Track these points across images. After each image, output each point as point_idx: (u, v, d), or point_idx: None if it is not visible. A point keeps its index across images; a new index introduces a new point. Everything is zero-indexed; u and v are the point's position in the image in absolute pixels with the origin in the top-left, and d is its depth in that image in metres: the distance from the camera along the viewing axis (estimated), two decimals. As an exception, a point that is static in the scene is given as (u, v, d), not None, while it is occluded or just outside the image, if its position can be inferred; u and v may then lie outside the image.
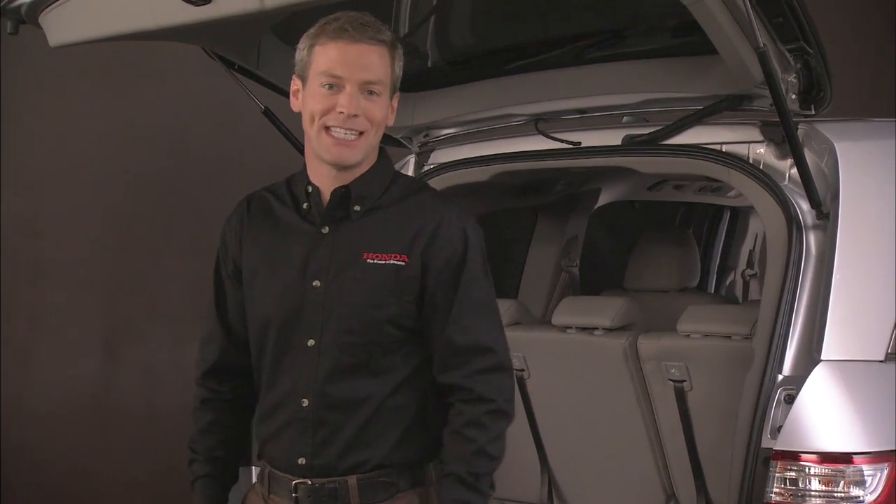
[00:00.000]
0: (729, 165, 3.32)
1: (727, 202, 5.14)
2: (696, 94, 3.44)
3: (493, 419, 2.64)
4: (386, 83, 2.65)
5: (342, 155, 2.65)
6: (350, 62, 2.62)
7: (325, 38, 2.65)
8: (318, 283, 2.68)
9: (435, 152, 3.99)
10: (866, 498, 2.78)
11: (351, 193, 2.69)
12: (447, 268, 2.65)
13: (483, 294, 2.68)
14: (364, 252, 2.66)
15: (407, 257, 2.65)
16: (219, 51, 3.69)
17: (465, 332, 2.64)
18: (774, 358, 2.96)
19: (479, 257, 2.68)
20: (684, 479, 3.71)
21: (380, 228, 2.68)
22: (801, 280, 3.05)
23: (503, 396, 2.65)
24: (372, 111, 2.63)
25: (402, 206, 2.71)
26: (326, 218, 2.70)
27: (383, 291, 2.64)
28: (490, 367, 2.64)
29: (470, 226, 2.70)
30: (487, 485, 2.64)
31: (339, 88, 2.62)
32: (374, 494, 2.67)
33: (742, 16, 2.92)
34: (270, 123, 3.92)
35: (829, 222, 3.10)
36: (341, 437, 2.66)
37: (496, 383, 2.65)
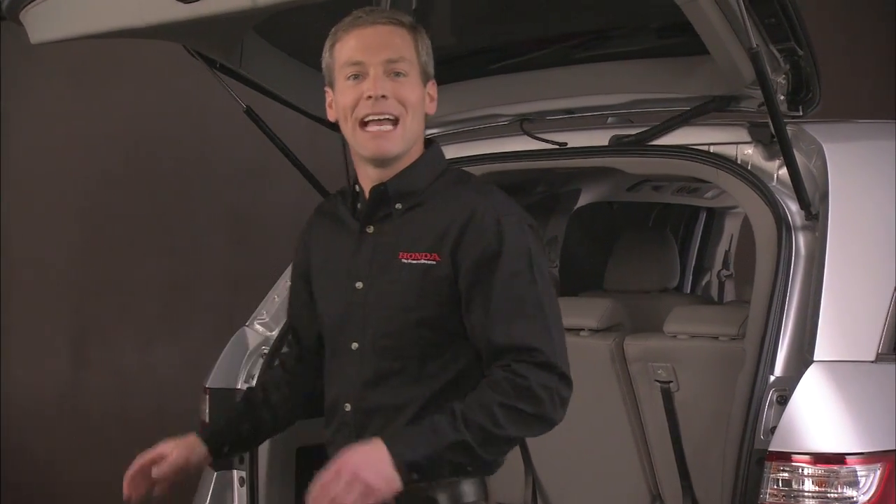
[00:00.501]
0: (717, 166, 3.31)
1: (703, 203, 5.15)
2: (684, 94, 3.44)
3: (521, 394, 2.46)
4: (412, 62, 2.58)
5: (380, 148, 2.57)
6: (369, 45, 2.56)
7: (341, 33, 2.62)
8: (360, 285, 2.63)
9: (418, 152, 3.96)
10: (860, 498, 2.77)
11: (388, 191, 2.61)
12: (481, 264, 2.52)
13: (525, 291, 2.52)
14: (400, 251, 2.59)
15: (438, 256, 2.56)
16: (201, 49, 3.66)
17: (506, 333, 2.50)
18: (766, 359, 2.95)
19: (521, 251, 2.53)
20: (670, 479, 3.71)
21: (416, 226, 2.60)
22: (791, 281, 3.05)
23: (544, 390, 2.47)
24: (401, 92, 2.55)
25: (440, 201, 2.61)
26: (369, 217, 2.64)
27: (415, 293, 2.56)
28: (536, 363, 2.49)
29: (509, 218, 2.55)
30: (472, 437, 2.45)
31: (364, 75, 2.56)
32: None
33: (735, 16, 2.92)
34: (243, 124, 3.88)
35: (819, 223, 3.10)
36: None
37: (539, 376, 2.48)
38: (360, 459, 2.43)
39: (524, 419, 2.49)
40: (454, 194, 2.62)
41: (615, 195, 4.77)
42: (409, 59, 2.58)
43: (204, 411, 3.86)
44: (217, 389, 3.85)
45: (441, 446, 2.45)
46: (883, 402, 2.94)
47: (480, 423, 2.46)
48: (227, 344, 3.95)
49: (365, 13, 2.60)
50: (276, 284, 4.00)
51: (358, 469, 2.41)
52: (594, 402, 3.75)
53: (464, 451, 2.47)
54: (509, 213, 2.58)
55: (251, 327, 3.96)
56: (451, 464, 2.49)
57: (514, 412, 2.47)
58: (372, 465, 2.43)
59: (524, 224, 2.58)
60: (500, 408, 2.47)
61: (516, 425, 2.49)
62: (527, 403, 2.48)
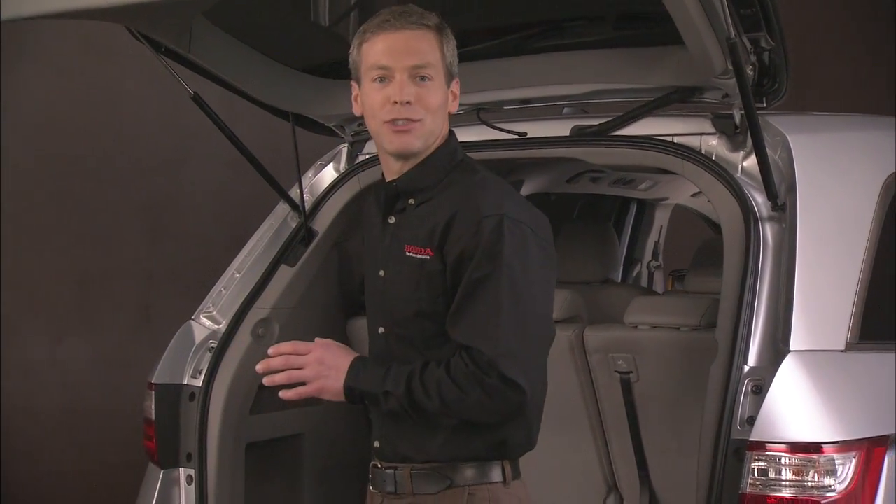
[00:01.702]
0: (682, 157, 3.32)
1: (638, 195, 5.18)
2: (646, 85, 3.43)
3: (463, 378, 2.56)
4: (437, 66, 2.65)
5: (403, 143, 2.65)
6: (396, 50, 2.62)
7: (369, 34, 2.67)
8: (382, 273, 2.74)
9: (370, 142, 3.90)
10: (837, 487, 2.81)
11: (399, 188, 2.70)
12: (457, 265, 2.61)
13: (486, 293, 2.56)
14: (406, 245, 2.69)
15: (430, 251, 2.64)
16: (150, 32, 3.53)
17: (458, 331, 2.60)
18: (740, 349, 2.96)
19: (494, 254, 2.56)
20: (627, 470, 3.71)
21: (420, 221, 2.68)
22: (760, 271, 3.07)
23: (478, 383, 2.56)
24: (425, 97, 2.63)
25: (445, 197, 2.68)
26: (389, 209, 2.74)
27: (415, 285, 2.66)
28: (479, 361, 2.57)
29: (489, 219, 2.57)
30: (405, 394, 2.59)
31: (390, 79, 2.62)
32: (425, 486, 2.71)
33: (712, 5, 2.91)
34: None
35: (786, 214, 3.12)
36: (400, 426, 2.70)
37: (477, 372, 2.56)
38: (329, 358, 2.66)
39: (457, 402, 2.58)
40: (457, 192, 2.68)
41: (555, 186, 4.76)
42: (434, 64, 2.66)
43: (149, 408, 3.75)
44: (163, 385, 3.75)
45: (377, 390, 2.63)
46: (855, 390, 2.99)
47: (416, 388, 2.60)
48: (173, 338, 3.83)
49: (393, 17, 2.65)
50: (223, 276, 3.89)
51: (324, 361, 2.65)
52: (551, 393, 3.68)
53: (397, 402, 2.62)
54: (491, 215, 2.60)
55: (197, 321, 3.86)
56: (388, 408, 2.64)
57: (453, 391, 2.58)
58: (332, 369, 2.65)
59: (503, 225, 2.59)
60: (439, 382, 2.59)
61: (447, 405, 2.59)
62: (461, 388, 2.57)
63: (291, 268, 3.85)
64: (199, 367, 3.77)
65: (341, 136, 3.95)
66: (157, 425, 3.74)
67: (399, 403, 2.61)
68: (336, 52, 3.84)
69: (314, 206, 3.90)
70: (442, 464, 2.70)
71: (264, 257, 3.88)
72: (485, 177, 2.71)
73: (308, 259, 3.87)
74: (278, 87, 3.78)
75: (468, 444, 2.68)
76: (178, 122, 6.40)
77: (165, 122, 6.45)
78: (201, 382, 3.74)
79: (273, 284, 3.83)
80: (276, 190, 3.90)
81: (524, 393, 2.58)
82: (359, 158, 3.91)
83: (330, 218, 3.88)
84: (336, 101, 3.82)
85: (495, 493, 2.73)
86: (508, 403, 2.58)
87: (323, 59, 3.84)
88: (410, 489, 2.73)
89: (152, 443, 3.77)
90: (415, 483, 2.72)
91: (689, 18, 2.97)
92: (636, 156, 3.41)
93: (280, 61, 3.78)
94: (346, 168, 3.92)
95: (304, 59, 3.82)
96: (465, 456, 2.69)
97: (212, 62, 3.64)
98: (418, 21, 2.65)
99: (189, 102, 3.59)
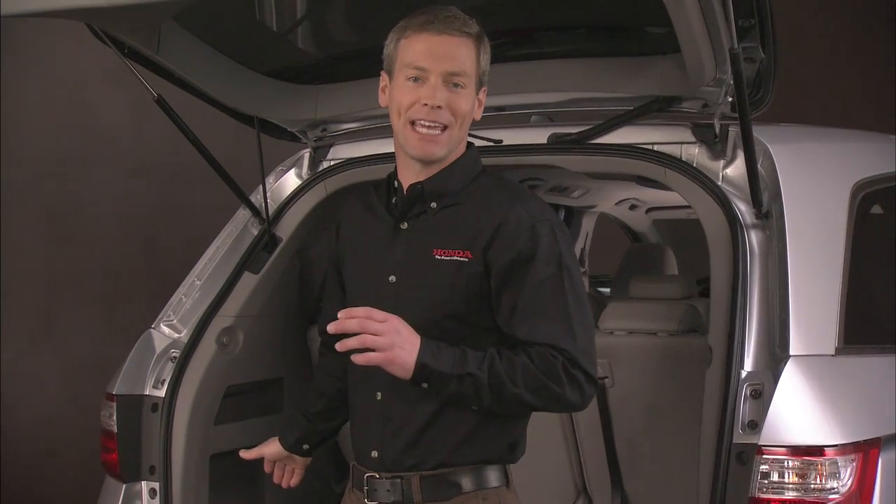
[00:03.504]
0: (665, 165, 3.36)
1: (571, 203, 5.21)
2: (626, 94, 3.46)
3: (547, 368, 2.60)
4: (471, 76, 2.67)
5: (426, 150, 2.66)
6: (435, 54, 2.64)
7: (410, 32, 2.67)
8: (393, 278, 2.71)
9: (334, 147, 3.87)
10: (840, 489, 2.87)
11: (424, 190, 2.69)
12: (513, 267, 2.63)
13: (553, 294, 2.63)
14: (434, 248, 2.67)
15: (470, 254, 2.65)
16: (119, 33, 3.42)
17: (531, 332, 2.61)
18: (736, 355, 3.01)
19: (552, 257, 2.64)
20: (598, 474, 3.74)
21: (451, 224, 2.69)
22: (749, 278, 3.13)
23: (567, 374, 2.60)
24: (456, 103, 2.65)
25: (477, 201, 2.70)
26: (405, 213, 2.72)
27: (446, 287, 2.66)
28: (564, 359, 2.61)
29: (542, 224, 2.65)
30: (488, 379, 2.58)
31: (424, 80, 2.64)
32: (436, 493, 2.69)
33: (713, 16, 2.95)
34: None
35: (771, 221, 3.18)
36: (406, 432, 2.68)
37: (565, 365, 2.61)
38: (405, 330, 2.57)
39: (541, 389, 2.61)
40: (490, 196, 2.72)
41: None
42: (469, 72, 2.69)
43: (110, 420, 3.64)
44: (124, 396, 3.64)
45: (456, 371, 2.58)
46: (850, 394, 3.05)
47: (500, 372, 2.59)
48: (133, 347, 3.72)
49: (437, 19, 2.66)
50: (184, 283, 3.80)
51: (400, 331, 2.56)
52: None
53: (473, 386, 2.60)
54: (542, 220, 2.69)
55: (157, 329, 3.76)
56: (457, 392, 2.61)
57: (536, 379, 2.60)
58: (407, 342, 2.56)
59: (556, 229, 2.69)
60: (524, 369, 2.60)
61: (531, 392, 2.61)
62: (549, 378, 2.60)
63: (255, 275, 3.79)
64: (160, 377, 3.67)
65: (304, 141, 3.90)
66: (119, 438, 3.63)
67: (475, 387, 2.58)
68: (301, 56, 3.82)
69: (277, 212, 3.84)
70: (452, 469, 2.70)
71: (226, 264, 3.81)
72: (516, 184, 2.80)
73: (272, 266, 3.81)
74: (243, 91, 3.72)
75: (482, 447, 2.71)
76: (79, 124, 6.26)
77: (65, 124, 6.31)
78: (164, 393, 3.64)
79: (237, 292, 3.77)
80: (238, 196, 3.83)
81: (597, 387, 2.68)
82: (323, 164, 3.87)
83: (294, 224, 3.83)
84: (300, 106, 3.78)
85: (503, 496, 2.78)
86: (585, 397, 2.66)
87: (287, 62, 3.79)
88: (420, 497, 2.71)
89: (113, 455, 3.66)
90: (425, 490, 2.71)
91: (691, 28, 2.99)
92: (618, 164, 3.44)
93: (245, 65, 3.71)
94: (308, 173, 3.87)
95: (269, 63, 3.76)
96: (477, 459, 2.72)
97: (179, 65, 3.56)
98: (461, 28, 2.67)
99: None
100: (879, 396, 3.12)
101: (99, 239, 6.44)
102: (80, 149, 6.34)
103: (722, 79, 3.17)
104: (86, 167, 6.37)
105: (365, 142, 3.83)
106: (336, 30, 3.82)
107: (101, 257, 6.41)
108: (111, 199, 6.43)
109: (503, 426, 2.73)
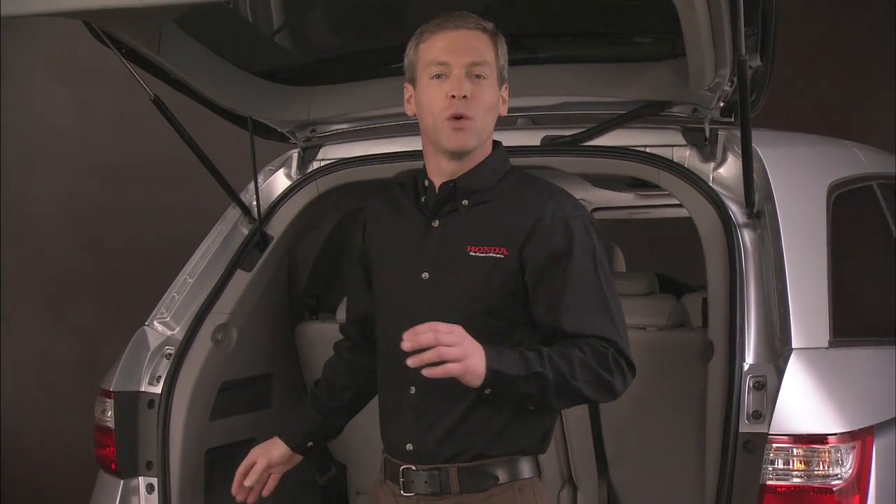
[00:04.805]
0: (658, 166, 3.49)
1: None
2: (619, 98, 3.58)
3: (600, 360, 2.67)
4: (492, 66, 2.73)
5: (460, 140, 2.71)
6: (455, 48, 2.70)
7: (427, 34, 2.75)
8: (426, 276, 2.75)
9: (324, 148, 3.93)
10: (843, 475, 3.01)
11: (457, 188, 2.74)
12: (549, 262, 2.70)
13: (592, 287, 2.71)
14: (468, 245, 2.73)
15: (506, 250, 2.71)
16: (124, 33, 3.44)
17: (578, 324, 2.69)
18: (738, 348, 3.14)
19: (587, 251, 2.72)
20: (585, 463, 3.85)
21: (485, 222, 2.74)
22: (745, 274, 3.26)
23: (617, 365, 2.69)
24: (480, 94, 2.70)
25: (509, 199, 2.76)
26: (437, 211, 2.77)
27: (482, 284, 2.71)
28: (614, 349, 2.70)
29: (576, 220, 2.73)
30: (552, 375, 2.62)
31: (447, 76, 2.69)
32: (474, 484, 2.74)
33: (720, 24, 3.06)
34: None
35: (762, 221, 3.33)
36: (443, 425, 2.73)
37: (614, 355, 2.70)
38: (470, 339, 2.59)
39: (596, 381, 2.68)
40: (522, 194, 2.79)
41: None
42: (490, 63, 2.74)
43: (106, 416, 3.67)
44: (121, 392, 3.67)
45: (524, 372, 2.62)
46: (847, 384, 3.21)
47: (561, 368, 2.64)
48: (128, 345, 3.74)
49: (452, 17, 2.73)
50: (175, 281, 3.84)
51: (467, 341, 2.57)
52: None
53: (538, 386, 2.64)
54: (575, 216, 2.77)
55: (151, 327, 3.79)
56: (523, 393, 2.65)
57: (591, 371, 2.67)
58: (476, 350, 2.59)
59: (588, 225, 2.78)
60: (580, 363, 2.66)
61: (587, 384, 2.68)
62: (602, 369, 2.69)
63: (248, 273, 3.84)
64: (156, 373, 3.71)
65: (293, 141, 3.95)
66: (117, 434, 3.66)
67: (540, 386, 2.63)
68: (294, 57, 3.87)
69: (268, 211, 3.89)
70: (489, 460, 2.75)
71: (217, 262, 3.85)
72: (545, 181, 2.86)
73: (264, 264, 3.86)
74: (238, 92, 3.76)
75: (516, 438, 2.77)
76: (23, 122, 6.21)
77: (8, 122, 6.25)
78: (161, 389, 3.68)
79: (230, 289, 3.82)
80: (229, 195, 3.87)
81: (635, 375, 2.78)
82: (313, 164, 3.92)
83: (285, 223, 3.89)
84: (293, 107, 3.84)
85: (537, 487, 2.85)
86: (626, 385, 2.76)
87: (280, 64, 3.84)
88: (458, 489, 2.76)
89: (109, 452, 3.68)
90: (463, 482, 2.76)
91: (699, 35, 3.09)
92: (613, 165, 3.56)
93: (240, 66, 3.75)
94: (298, 173, 3.92)
95: (263, 64, 3.80)
96: (512, 451, 2.77)
97: (178, 66, 3.59)
98: (476, 22, 2.76)
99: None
100: (870, 386, 3.29)
101: (42, 239, 6.38)
102: (24, 148, 6.28)
103: (718, 84, 3.30)
104: (29, 167, 6.31)
105: (355, 143, 3.90)
106: (329, 32, 3.87)
107: (47, 257, 6.36)
108: (55, 198, 6.38)
109: (536, 418, 2.79)
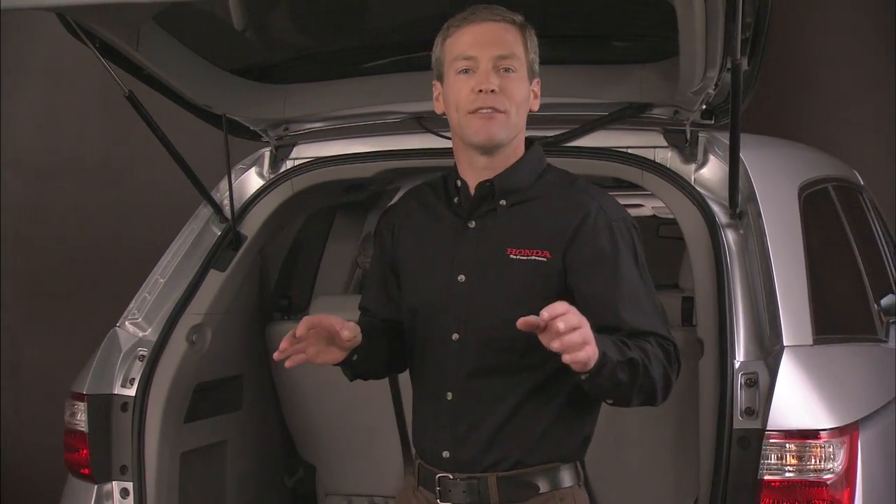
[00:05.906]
0: (642, 167, 3.53)
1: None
2: (606, 100, 3.60)
3: (667, 355, 2.60)
4: (521, 59, 2.65)
5: (489, 132, 2.61)
6: (482, 41, 2.63)
7: (453, 29, 2.67)
8: (462, 278, 2.67)
9: (298, 147, 3.89)
10: (835, 468, 3.08)
11: (495, 187, 2.66)
12: (594, 264, 2.63)
13: (636, 288, 2.65)
14: (508, 247, 2.65)
15: (549, 253, 2.64)
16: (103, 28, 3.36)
17: (634, 322, 2.62)
18: (729, 346, 3.19)
19: (630, 251, 2.67)
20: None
21: (524, 223, 2.66)
22: (731, 273, 3.32)
23: (677, 363, 2.64)
24: (509, 88, 2.62)
25: (549, 199, 2.69)
26: (473, 212, 2.68)
27: (524, 287, 2.63)
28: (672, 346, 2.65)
29: (619, 222, 2.68)
30: (642, 362, 2.53)
31: (475, 70, 2.62)
32: (514, 493, 2.65)
33: (715, 27, 3.10)
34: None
35: (744, 221, 3.39)
36: (482, 432, 2.64)
37: (675, 352, 2.65)
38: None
39: (664, 376, 2.61)
40: (563, 195, 2.71)
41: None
42: (518, 56, 2.66)
43: (78, 420, 3.59)
44: (95, 395, 3.59)
45: (623, 357, 2.50)
46: (833, 380, 3.28)
47: (643, 358, 2.55)
48: (100, 346, 3.66)
49: (479, 10, 2.66)
50: (147, 282, 3.76)
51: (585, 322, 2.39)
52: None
53: (630, 373, 2.52)
54: (618, 218, 2.71)
55: (122, 328, 3.71)
56: (616, 381, 2.50)
57: (661, 367, 2.59)
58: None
59: (631, 226, 2.72)
60: (654, 356, 2.58)
61: (659, 378, 2.59)
62: (668, 365, 2.62)
63: (222, 273, 3.78)
64: (129, 375, 3.63)
65: (265, 139, 3.91)
66: (90, 438, 3.58)
67: (632, 374, 2.51)
68: (269, 55, 3.83)
69: (241, 210, 3.84)
70: (529, 469, 2.67)
71: (190, 262, 3.79)
72: (585, 181, 2.78)
73: (237, 264, 3.81)
74: (212, 90, 3.70)
75: (557, 444, 2.69)
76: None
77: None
78: (135, 391, 3.61)
79: (204, 289, 3.76)
80: (201, 194, 3.81)
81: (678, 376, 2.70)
82: (286, 163, 3.88)
83: (258, 222, 3.84)
84: (268, 105, 3.79)
85: (577, 495, 2.76)
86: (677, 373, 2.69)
87: (255, 61, 3.80)
88: (498, 499, 2.66)
89: (81, 456, 3.60)
90: (502, 491, 2.66)
91: (694, 38, 3.13)
92: (596, 166, 3.58)
93: (215, 63, 3.70)
94: (270, 172, 3.88)
95: (237, 61, 3.76)
96: (553, 458, 2.69)
97: (156, 62, 3.53)
98: (503, 14, 2.67)
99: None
100: (853, 383, 3.37)
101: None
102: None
103: (704, 86, 3.34)
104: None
105: (330, 141, 3.87)
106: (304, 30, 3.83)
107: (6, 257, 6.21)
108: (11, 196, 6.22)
109: (577, 421, 2.72)
